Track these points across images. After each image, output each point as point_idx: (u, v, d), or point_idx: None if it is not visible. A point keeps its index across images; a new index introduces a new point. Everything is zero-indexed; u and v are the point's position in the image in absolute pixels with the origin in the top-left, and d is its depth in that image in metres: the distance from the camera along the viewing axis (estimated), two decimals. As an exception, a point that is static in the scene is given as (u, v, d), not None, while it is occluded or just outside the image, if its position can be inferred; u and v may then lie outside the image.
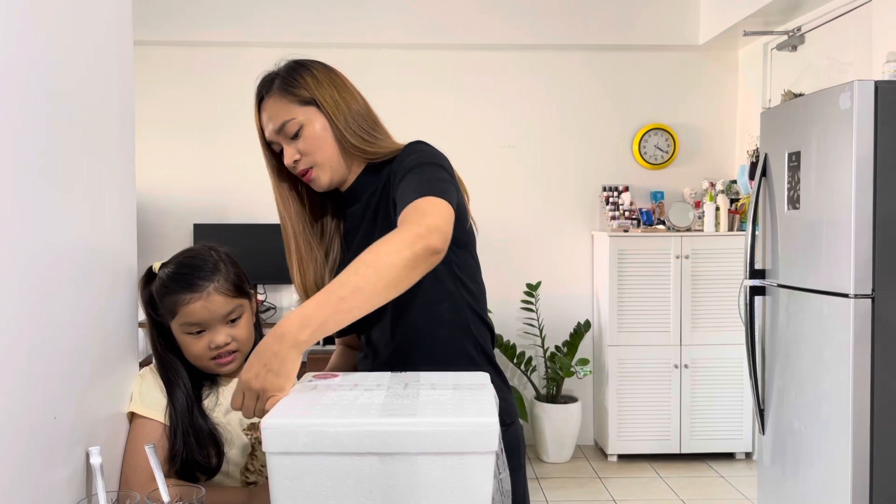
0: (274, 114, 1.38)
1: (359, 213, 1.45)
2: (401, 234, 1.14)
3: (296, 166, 1.38)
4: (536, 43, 4.41)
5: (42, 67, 1.01)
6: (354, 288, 1.09)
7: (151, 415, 1.32)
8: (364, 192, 1.44)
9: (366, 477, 0.95)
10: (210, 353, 1.35)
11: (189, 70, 4.40)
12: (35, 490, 0.99)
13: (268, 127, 1.39)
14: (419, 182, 1.26)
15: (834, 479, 2.42)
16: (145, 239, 3.71)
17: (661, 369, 4.13)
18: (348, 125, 1.39)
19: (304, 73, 1.40)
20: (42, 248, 1.01)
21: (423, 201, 1.20)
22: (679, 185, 4.52)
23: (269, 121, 1.39)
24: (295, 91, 1.38)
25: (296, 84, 1.38)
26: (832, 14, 3.53)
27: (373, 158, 1.42)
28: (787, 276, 2.73)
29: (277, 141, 1.39)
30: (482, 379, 1.15)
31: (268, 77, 1.42)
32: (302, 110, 1.37)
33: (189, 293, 1.32)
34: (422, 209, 1.19)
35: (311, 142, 1.37)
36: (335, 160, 1.40)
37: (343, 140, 1.39)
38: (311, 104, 1.38)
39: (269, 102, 1.39)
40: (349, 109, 1.40)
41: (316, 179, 1.40)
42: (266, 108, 1.40)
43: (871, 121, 2.31)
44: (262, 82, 1.42)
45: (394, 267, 1.11)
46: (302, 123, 1.36)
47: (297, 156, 1.37)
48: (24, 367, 0.96)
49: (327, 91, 1.39)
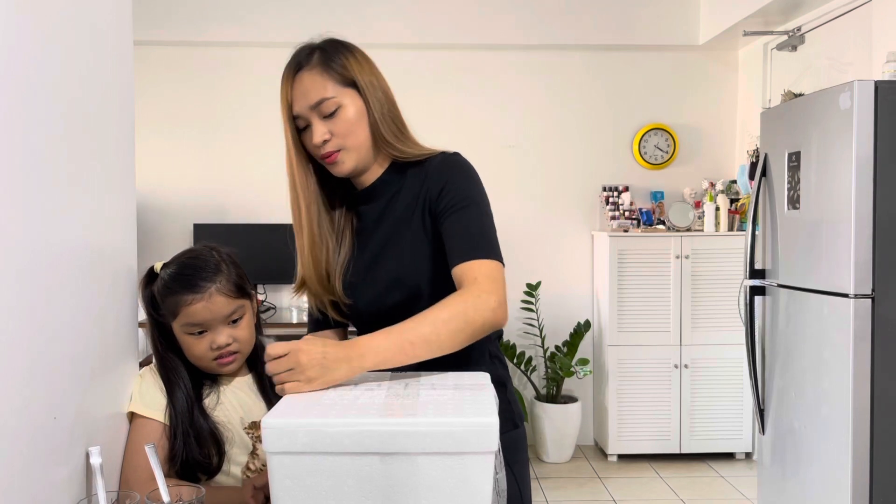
0: (311, 88, 1.31)
1: (374, 214, 1.41)
2: (477, 303, 1.18)
3: (323, 146, 1.33)
4: (536, 43, 4.41)
5: (42, 67, 1.01)
6: (424, 339, 1.13)
7: (151, 415, 1.32)
8: (384, 193, 1.40)
9: (366, 477, 0.95)
10: (211, 354, 1.35)
11: (189, 70, 4.40)
12: (35, 490, 0.99)
13: (300, 100, 1.33)
14: (480, 233, 1.28)
15: (834, 479, 2.42)
16: (145, 239, 3.71)
17: (661, 369, 4.13)
18: (384, 117, 1.35)
19: (347, 53, 1.35)
20: (42, 248, 1.01)
21: (492, 268, 1.24)
22: (679, 185, 4.52)
23: (303, 94, 1.32)
24: (337, 69, 1.32)
25: (339, 62, 1.33)
26: (832, 14, 3.53)
27: (400, 157, 1.38)
28: (787, 276, 2.73)
29: (307, 117, 1.33)
30: (482, 379, 1.15)
31: (307, 48, 1.36)
32: (342, 91, 1.32)
33: (191, 294, 1.32)
34: (492, 277, 1.23)
35: (345, 125, 1.32)
36: (364, 149, 1.35)
37: (377, 131, 1.35)
38: (352, 87, 1.33)
39: (307, 75, 1.32)
40: (387, 101, 1.36)
41: (340, 164, 1.34)
42: (302, 81, 1.33)
43: (871, 121, 2.31)
44: (300, 52, 1.36)
45: (463, 333, 1.16)
46: (340, 104, 1.31)
47: (328, 136, 1.32)
48: (24, 367, 0.96)
49: (368, 77, 1.35)
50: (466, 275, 1.23)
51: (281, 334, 3.96)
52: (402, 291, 1.35)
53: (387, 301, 1.37)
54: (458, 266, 1.25)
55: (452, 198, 1.31)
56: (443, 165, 1.36)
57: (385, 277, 1.37)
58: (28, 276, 0.97)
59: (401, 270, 1.35)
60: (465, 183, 1.33)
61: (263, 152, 4.38)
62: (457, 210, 1.30)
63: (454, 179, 1.33)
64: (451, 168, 1.35)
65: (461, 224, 1.29)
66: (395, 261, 1.36)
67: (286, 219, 1.43)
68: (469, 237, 1.27)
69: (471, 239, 1.27)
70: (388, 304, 1.37)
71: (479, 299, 1.18)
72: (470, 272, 1.23)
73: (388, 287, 1.37)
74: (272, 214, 4.36)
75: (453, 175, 1.34)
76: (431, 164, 1.37)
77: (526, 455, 1.48)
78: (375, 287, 1.38)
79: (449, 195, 1.31)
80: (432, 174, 1.35)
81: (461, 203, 1.30)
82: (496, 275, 1.23)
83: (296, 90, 1.33)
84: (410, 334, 1.13)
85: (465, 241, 1.27)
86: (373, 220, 1.41)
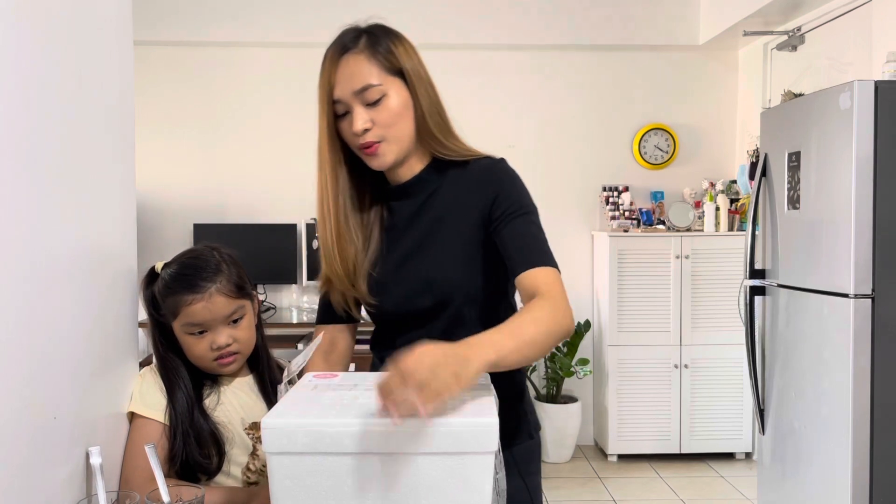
0: (356, 72, 1.25)
1: (408, 211, 1.36)
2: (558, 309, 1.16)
3: (363, 135, 1.26)
4: (536, 43, 4.41)
5: (42, 67, 1.01)
6: (532, 341, 1.09)
7: (151, 415, 1.32)
8: (421, 191, 1.35)
9: (366, 477, 0.95)
10: (212, 354, 1.35)
11: (189, 70, 4.40)
12: (35, 490, 0.99)
13: (343, 84, 1.26)
14: (540, 241, 1.27)
15: (834, 479, 2.42)
16: (145, 239, 3.71)
17: (661, 369, 4.13)
18: (431, 110, 1.31)
19: (396, 40, 1.30)
20: (42, 248, 1.01)
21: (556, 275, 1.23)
22: (679, 185, 4.52)
23: (347, 78, 1.26)
24: (386, 56, 1.27)
25: (387, 49, 1.28)
26: (832, 14, 3.53)
27: (442, 154, 1.34)
28: (787, 276, 2.73)
29: (348, 102, 1.26)
30: (482, 379, 1.15)
31: (354, 31, 1.30)
32: (388, 79, 1.27)
33: (191, 294, 1.32)
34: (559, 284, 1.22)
35: (389, 114, 1.26)
36: (406, 141, 1.30)
37: (422, 123, 1.30)
38: (399, 76, 1.28)
39: (353, 59, 1.26)
40: (433, 93, 1.32)
41: (380, 155, 1.28)
42: (347, 64, 1.26)
43: (871, 121, 2.31)
44: (345, 34, 1.30)
45: (553, 338, 1.13)
46: (385, 92, 1.26)
47: (370, 124, 1.26)
48: (24, 367, 0.96)
49: (416, 67, 1.30)
50: (536, 282, 1.21)
51: (281, 334, 3.96)
52: (432, 295, 1.32)
53: (416, 303, 1.33)
54: (524, 274, 1.23)
55: (508, 206, 1.28)
56: (493, 173, 1.32)
57: (415, 278, 1.33)
58: (28, 276, 0.97)
59: (433, 273, 1.32)
60: (519, 191, 1.31)
61: (263, 152, 4.38)
62: (514, 218, 1.27)
63: (508, 187, 1.30)
64: (503, 176, 1.32)
65: (520, 232, 1.27)
66: (428, 262, 1.32)
67: (286, 219, 1.42)
68: (530, 245, 1.26)
69: (532, 247, 1.26)
70: (417, 307, 1.33)
71: (558, 305, 1.17)
72: (538, 279, 1.21)
73: (418, 289, 1.33)
74: (272, 214, 4.36)
75: (506, 183, 1.31)
76: (477, 169, 1.33)
77: (539, 465, 1.44)
78: (405, 287, 1.34)
79: (504, 203, 1.28)
80: (481, 180, 1.32)
81: (518, 211, 1.28)
82: (562, 283, 1.23)
83: (340, 73, 1.27)
84: (524, 334, 1.08)
85: (527, 249, 1.25)
86: (405, 218, 1.36)
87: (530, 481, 1.38)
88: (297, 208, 4.35)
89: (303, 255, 4.27)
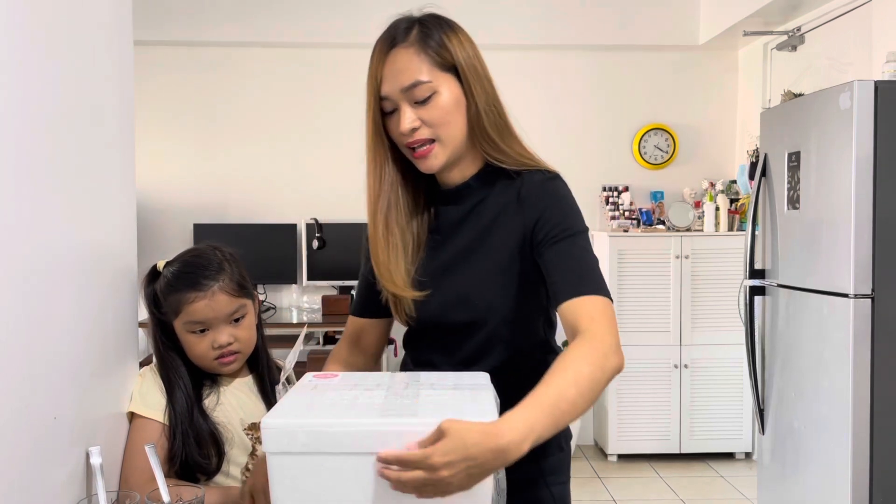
0: (405, 68, 1.18)
1: (453, 218, 1.29)
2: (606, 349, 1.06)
3: (412, 134, 1.19)
4: (536, 43, 4.41)
5: (42, 67, 1.01)
6: (573, 403, 1.00)
7: (151, 415, 1.32)
8: (470, 197, 1.27)
9: (366, 477, 0.95)
10: (213, 353, 1.35)
11: (189, 70, 4.40)
12: (35, 490, 0.99)
13: (391, 80, 1.18)
14: (587, 266, 1.16)
15: (834, 479, 2.42)
16: (145, 239, 3.70)
17: (661, 369, 4.13)
18: (488, 108, 1.22)
19: (449, 31, 1.21)
20: (42, 248, 1.01)
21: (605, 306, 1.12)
22: (679, 185, 4.52)
23: (395, 74, 1.18)
24: (436, 50, 1.19)
25: (439, 42, 1.19)
26: (832, 14, 3.53)
27: (496, 159, 1.25)
28: (786, 276, 2.72)
29: (396, 100, 1.19)
30: (482, 379, 1.15)
31: (405, 21, 1.22)
32: (439, 75, 1.19)
33: (194, 292, 1.32)
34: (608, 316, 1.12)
35: (440, 113, 1.18)
36: (457, 142, 1.22)
37: (477, 123, 1.21)
38: (451, 71, 1.20)
39: (402, 53, 1.19)
40: (490, 90, 1.23)
41: (430, 157, 1.21)
42: (396, 59, 1.19)
43: (871, 121, 2.31)
44: (396, 25, 1.22)
45: (600, 385, 1.04)
46: (436, 90, 1.18)
47: (418, 123, 1.18)
48: (24, 367, 0.96)
49: (472, 61, 1.22)
50: (581, 314, 1.11)
51: (281, 334, 3.96)
52: (467, 311, 1.25)
53: (450, 317, 1.27)
54: (568, 303, 1.13)
55: (553, 227, 1.19)
56: (542, 190, 1.23)
57: (453, 291, 1.26)
58: (28, 276, 0.97)
59: (470, 288, 1.25)
60: (566, 211, 1.21)
61: (263, 152, 4.38)
62: (559, 241, 1.18)
63: (554, 207, 1.21)
64: (551, 194, 1.22)
65: (565, 256, 1.17)
66: (466, 278, 1.26)
67: (286, 219, 1.42)
68: (576, 271, 1.16)
69: (577, 272, 1.15)
70: (450, 321, 1.27)
71: (604, 344, 1.07)
72: (583, 311, 1.11)
73: (454, 302, 1.26)
74: (272, 214, 4.36)
75: (553, 202, 1.21)
76: (528, 183, 1.24)
77: (568, 475, 1.37)
78: (441, 298, 1.27)
79: (549, 224, 1.19)
80: (527, 196, 1.23)
81: (563, 233, 1.18)
82: (611, 314, 1.12)
83: (387, 69, 1.19)
84: (561, 402, 0.98)
85: (571, 275, 1.15)
86: (449, 225, 1.29)
87: (557, 490, 1.32)
88: (297, 208, 4.35)
89: (303, 255, 4.27)
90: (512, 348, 1.28)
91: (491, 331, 1.26)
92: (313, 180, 4.39)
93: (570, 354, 1.05)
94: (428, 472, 0.89)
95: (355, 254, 1.57)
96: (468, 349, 1.27)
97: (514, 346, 1.28)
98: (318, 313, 4.19)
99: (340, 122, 4.28)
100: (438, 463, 0.88)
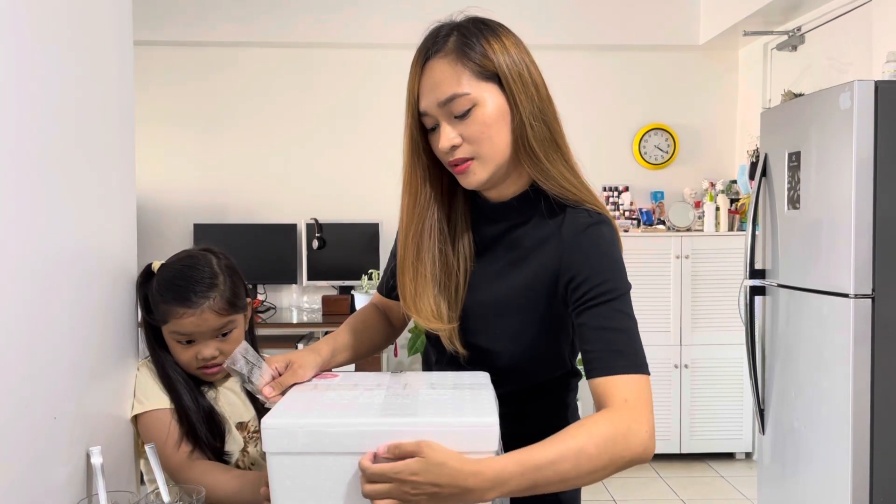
0: (441, 81, 1.08)
1: (487, 237, 1.20)
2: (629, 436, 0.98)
3: (452, 152, 1.10)
4: (536, 43, 4.35)
5: (42, 68, 1.01)
6: (562, 478, 0.95)
7: (155, 405, 1.32)
8: (505, 219, 1.18)
9: (366, 477, 0.95)
10: (196, 363, 1.34)
11: (189, 70, 4.40)
12: (35, 490, 0.99)
13: (428, 94, 1.09)
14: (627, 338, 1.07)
15: (834, 479, 2.42)
16: (145, 239, 3.70)
17: (661, 369, 4.13)
18: (535, 118, 1.10)
19: (490, 36, 1.10)
20: (42, 248, 1.01)
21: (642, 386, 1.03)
22: (679, 185, 4.52)
23: (432, 88, 1.09)
24: (476, 59, 1.08)
25: (478, 49, 1.08)
26: (832, 14, 3.53)
27: (542, 182, 1.13)
28: (787, 276, 2.72)
29: (434, 115, 1.10)
30: (482, 379, 1.15)
31: (444, 28, 1.12)
32: (480, 85, 1.08)
33: (182, 307, 1.30)
34: (644, 399, 1.02)
35: (480, 128, 1.08)
36: (501, 158, 1.11)
37: (522, 136, 1.10)
38: (493, 80, 1.09)
39: (438, 64, 1.09)
40: (539, 99, 1.12)
41: (470, 174, 1.11)
42: (432, 71, 1.09)
43: (871, 121, 2.31)
44: (434, 33, 1.12)
45: (605, 471, 0.97)
46: (475, 102, 1.08)
47: (458, 140, 1.09)
48: (24, 367, 0.96)
49: (516, 68, 1.10)
50: (613, 394, 1.02)
51: (281, 334, 3.96)
52: (487, 337, 1.19)
53: (466, 338, 1.20)
54: (601, 380, 1.04)
55: (592, 288, 1.08)
56: (585, 238, 1.11)
57: (471, 318, 1.19)
58: (28, 276, 0.97)
59: (489, 322, 1.19)
60: (609, 267, 1.09)
61: (263, 152, 4.38)
62: (598, 304, 1.07)
63: (597, 263, 1.09)
64: (595, 245, 1.10)
65: (604, 324, 1.06)
66: (487, 310, 1.18)
67: (286, 219, 1.40)
68: (614, 343, 1.05)
69: (616, 346, 1.05)
70: (465, 341, 1.20)
71: (630, 431, 0.98)
72: (617, 392, 1.02)
73: (471, 328, 1.19)
74: (272, 214, 4.36)
75: (595, 255, 1.10)
76: (569, 226, 1.12)
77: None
78: (465, 320, 1.20)
79: (589, 283, 1.08)
80: (567, 240, 1.11)
81: (603, 297, 1.07)
82: (646, 395, 1.03)
83: (424, 82, 1.10)
84: (547, 471, 0.93)
85: (610, 347, 1.05)
86: (483, 243, 1.20)
87: (564, 494, 1.24)
88: (297, 208, 4.35)
89: (303, 256, 4.27)
90: (533, 377, 1.23)
91: (504, 367, 1.19)
92: (313, 180, 4.39)
93: (587, 427, 0.98)
94: (395, 484, 0.91)
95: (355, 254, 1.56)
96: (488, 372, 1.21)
97: (536, 375, 1.24)
98: (318, 313, 4.19)
99: (341, 122, 4.27)
100: (406, 479, 0.91)
